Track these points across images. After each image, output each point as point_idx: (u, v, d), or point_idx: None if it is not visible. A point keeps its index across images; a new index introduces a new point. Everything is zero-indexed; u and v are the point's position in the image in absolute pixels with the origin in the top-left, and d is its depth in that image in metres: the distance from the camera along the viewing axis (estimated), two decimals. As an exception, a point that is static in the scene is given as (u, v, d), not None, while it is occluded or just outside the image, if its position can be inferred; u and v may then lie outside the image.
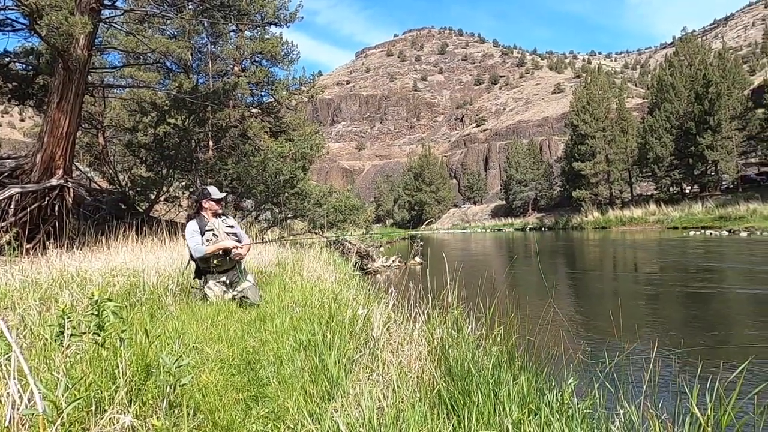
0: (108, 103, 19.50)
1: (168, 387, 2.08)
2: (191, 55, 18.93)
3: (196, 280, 5.29)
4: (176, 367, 2.11)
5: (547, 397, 2.06)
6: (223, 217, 5.29)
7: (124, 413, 1.85)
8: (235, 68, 21.87)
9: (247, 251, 5.35)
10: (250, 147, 18.94)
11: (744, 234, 26.35)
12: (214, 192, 5.21)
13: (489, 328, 3.11)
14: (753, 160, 47.43)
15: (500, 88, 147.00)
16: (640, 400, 1.91)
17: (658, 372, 2.08)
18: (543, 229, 56.60)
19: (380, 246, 21.14)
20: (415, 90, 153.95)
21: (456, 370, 2.24)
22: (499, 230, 63.53)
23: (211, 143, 18.90)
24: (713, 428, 1.66)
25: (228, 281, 5.13)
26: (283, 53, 21.92)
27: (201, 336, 3.57)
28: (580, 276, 15.49)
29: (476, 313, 3.36)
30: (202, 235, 5.00)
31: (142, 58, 14.79)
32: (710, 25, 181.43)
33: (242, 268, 5.26)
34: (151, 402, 2.04)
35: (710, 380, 1.84)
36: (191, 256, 5.13)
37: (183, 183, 17.52)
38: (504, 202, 76.55)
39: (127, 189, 15.45)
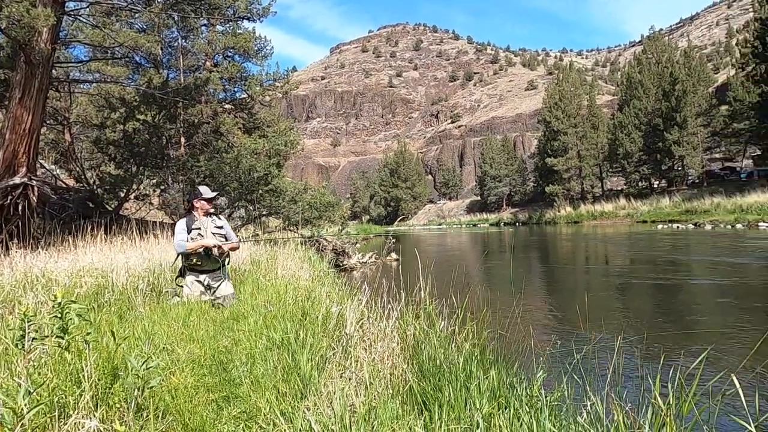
0: (74, 98, 18.90)
1: (136, 390, 2.04)
2: (161, 49, 18.49)
3: (180, 278, 5.25)
4: (145, 369, 2.07)
5: (517, 390, 2.10)
6: (214, 217, 5.34)
7: (90, 418, 1.81)
8: (207, 63, 21.46)
9: (232, 248, 5.35)
10: (223, 143, 18.63)
11: (709, 227, 27.24)
12: (206, 191, 5.29)
13: (461, 324, 3.14)
14: (717, 156, 49.15)
15: (474, 85, 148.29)
16: (606, 392, 1.96)
17: (622, 363, 2.14)
18: (517, 224, 57.41)
19: (356, 243, 21.10)
20: (391, 86, 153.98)
21: (428, 366, 2.26)
22: (475, 225, 64.19)
23: (182, 140, 18.53)
24: (674, 417, 1.71)
25: (207, 283, 5.10)
26: (256, 48, 21.60)
27: (172, 337, 3.50)
28: (553, 270, 15.77)
29: (449, 308, 3.39)
30: (189, 233, 5.04)
31: (109, 52, 14.39)
32: (677, 24, 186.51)
33: (227, 271, 5.25)
34: (118, 406, 2.00)
35: (672, 370, 1.90)
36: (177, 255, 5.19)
37: (154, 180, 17.14)
38: (479, 198, 77.41)
39: (95, 187, 15.05)
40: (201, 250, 5.01)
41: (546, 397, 2.03)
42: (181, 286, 5.21)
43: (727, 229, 25.01)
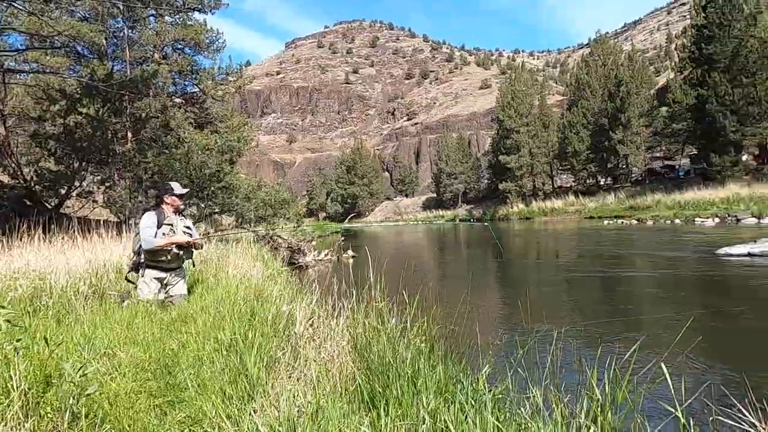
0: (10, 89, 17.77)
1: (71, 398, 1.95)
2: (105, 39, 17.66)
3: (133, 273, 5.02)
4: (80, 376, 1.97)
5: (464, 385, 2.14)
6: (182, 217, 5.20)
7: (19, 429, 1.71)
8: (156, 55, 20.64)
9: (199, 247, 5.24)
10: (172, 139, 18.02)
11: (650, 222, 28.66)
12: (177, 188, 5.14)
13: (412, 320, 3.18)
14: (658, 155, 51.81)
15: (430, 83, 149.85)
16: (546, 383, 2.03)
17: (562, 355, 2.22)
18: (472, 220, 58.54)
19: (312, 240, 20.94)
20: (347, 83, 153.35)
21: (376, 364, 2.27)
22: (431, 222, 64.97)
23: (129, 135, 17.78)
24: (609, 404, 1.80)
25: (167, 281, 4.94)
26: (207, 41, 20.97)
27: (114, 340, 3.37)
28: (505, 265, 16.18)
29: (402, 305, 3.42)
30: (159, 228, 4.83)
31: (48, 41, 13.60)
32: (622, 28, 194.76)
33: (186, 269, 5.13)
34: (50, 415, 1.90)
35: (610, 359, 1.99)
36: (137, 248, 4.93)
37: (98, 177, 16.39)
38: (435, 195, 78.38)
39: (32, 184, 14.23)
40: (173, 247, 4.84)
41: (491, 390, 2.08)
42: (133, 283, 5.00)
43: (667, 225, 26.40)
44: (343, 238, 18.25)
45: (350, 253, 19.83)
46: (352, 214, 75.68)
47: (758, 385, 3.81)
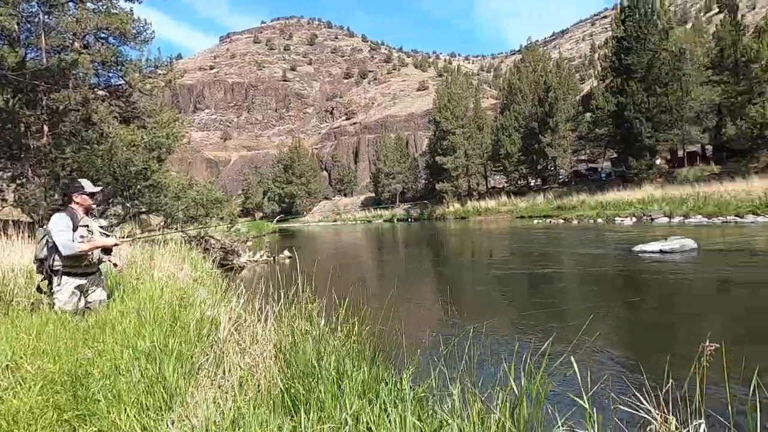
0: None
1: (-39, 417, 1.78)
2: (17, 24, 16.31)
3: (45, 282, 4.52)
4: (-27, 393, 1.80)
5: (388, 385, 2.16)
6: (95, 217, 4.71)
7: None
8: (76, 44, 19.30)
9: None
10: (94, 134, 16.93)
11: (575, 222, 30.32)
12: (87, 185, 4.60)
13: (342, 321, 3.17)
14: (583, 157, 55.02)
15: (369, 83, 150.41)
16: (470, 379, 2.10)
17: (482, 351, 2.29)
18: (409, 219, 59.38)
19: (247, 240, 20.40)
20: (285, 80, 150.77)
21: (302, 367, 2.24)
22: (369, 222, 65.24)
23: (45, 128, 16.52)
24: (527, 397, 1.88)
25: (86, 288, 4.54)
26: (134, 31, 19.87)
27: (19, 352, 3.11)
28: (440, 263, 16.54)
29: (334, 306, 3.40)
30: (75, 231, 4.33)
31: (-52, 24, 12.37)
32: (551, 36, 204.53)
33: (105, 272, 4.72)
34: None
35: (525, 354, 2.08)
36: (45, 254, 4.39)
37: (9, 173, 15.10)
38: (373, 194, 78.79)
39: (-70, 180, 12.88)
40: (97, 251, 4.45)
41: (414, 389, 2.11)
42: (46, 293, 4.54)
43: (590, 224, 28.04)
44: (265, 239, 17.89)
45: (286, 253, 19.52)
46: (280, 217, 74.13)
47: (655, 373, 4.13)
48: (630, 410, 1.83)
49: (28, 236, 8.42)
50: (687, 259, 11.83)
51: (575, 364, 1.77)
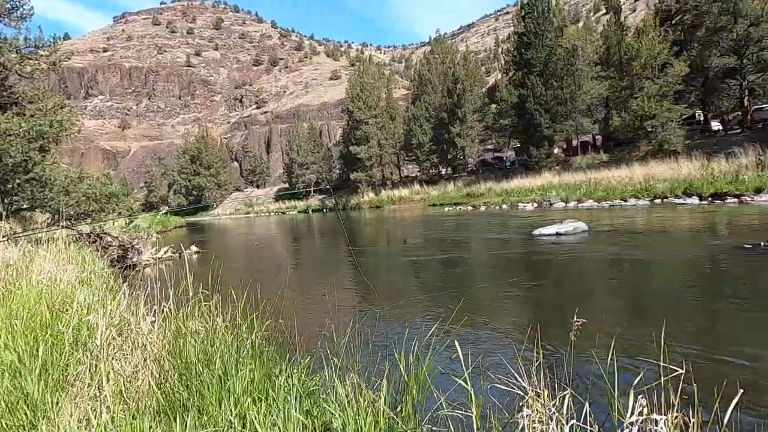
0: None
1: None
2: None
3: None
4: None
5: (279, 381, 2.10)
6: None
7: None
8: (-68, 18, 16.89)
9: None
10: (-40, 121, 14.94)
11: (483, 208, 31.80)
12: None
13: (241, 318, 3.04)
14: (489, 147, 57.79)
15: (280, 71, 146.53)
16: (359, 371, 2.09)
17: (378, 340, 2.30)
18: (324, 210, 59.01)
19: (149, 236, 19.12)
20: (189, 65, 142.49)
21: (186, 370, 2.11)
22: (284, 213, 64.01)
23: None
24: (415, 383, 1.91)
25: None
26: (9, 6, 17.74)
27: None
28: (355, 252, 16.60)
29: (237, 302, 3.25)
30: None
31: None
32: (458, 30, 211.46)
33: None
34: None
35: (415, 341, 2.12)
36: None
37: None
38: (287, 185, 77.25)
39: None
40: None
41: (305, 384, 2.07)
42: None
43: (497, 210, 29.55)
44: (157, 237, 16.95)
45: (194, 248, 18.60)
46: (165, 209, 70.03)
47: (535, 348, 4.43)
48: (507, 388, 1.92)
49: None
50: (579, 240, 12.84)
51: (459, 348, 1.82)
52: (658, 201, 22.22)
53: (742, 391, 1.71)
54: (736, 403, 1.65)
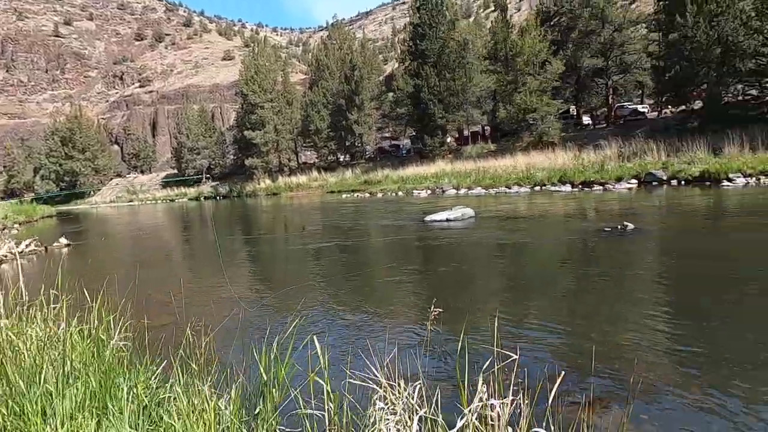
0: None
1: None
2: None
3: None
4: None
5: (123, 390, 1.88)
6: None
7: None
8: None
9: None
10: None
11: (380, 195, 32.30)
12: None
13: (98, 319, 2.72)
14: (387, 135, 58.69)
15: (166, 48, 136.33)
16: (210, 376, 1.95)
17: (246, 339, 2.15)
18: (218, 197, 56.31)
19: (7, 228, 16.86)
20: (57, 35, 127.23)
21: (8, 387, 1.81)
22: (172, 201, 60.09)
23: None
24: (275, 383, 1.82)
25: None
26: None
27: None
28: (250, 242, 16.00)
29: (103, 302, 2.89)
30: None
31: None
32: (356, 16, 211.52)
33: None
34: None
35: (275, 339, 2.01)
36: None
37: None
38: (176, 171, 72.43)
39: None
40: None
41: (156, 392, 1.88)
42: None
43: (393, 196, 30.17)
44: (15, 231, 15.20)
45: (63, 241, 16.73)
46: (35, 195, 62.92)
47: (398, 339, 4.55)
48: (362, 383, 1.91)
49: None
50: (466, 226, 13.50)
51: (317, 344, 1.75)
52: (537, 188, 24.10)
53: (563, 372, 1.84)
54: (559, 383, 1.79)
